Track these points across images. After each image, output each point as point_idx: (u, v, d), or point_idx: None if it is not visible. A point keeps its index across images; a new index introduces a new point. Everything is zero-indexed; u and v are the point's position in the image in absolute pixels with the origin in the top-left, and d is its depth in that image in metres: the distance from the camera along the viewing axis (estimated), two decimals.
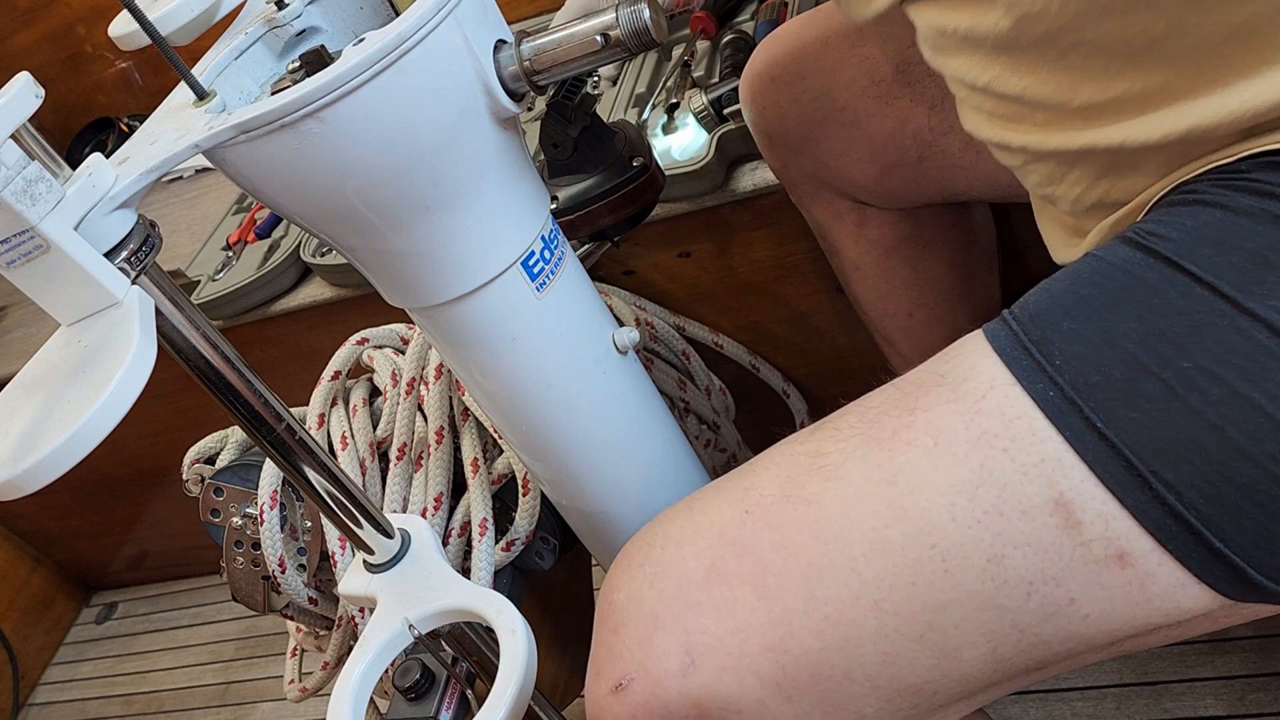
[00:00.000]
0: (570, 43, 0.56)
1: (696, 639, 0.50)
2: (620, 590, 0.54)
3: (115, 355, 0.45)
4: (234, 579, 0.93)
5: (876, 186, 0.80)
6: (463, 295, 0.63)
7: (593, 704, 0.53)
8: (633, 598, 0.53)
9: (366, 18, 0.65)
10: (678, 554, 0.53)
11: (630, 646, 0.52)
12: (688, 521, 0.54)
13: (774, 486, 0.52)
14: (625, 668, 0.51)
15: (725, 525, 0.52)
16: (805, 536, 0.49)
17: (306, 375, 0.95)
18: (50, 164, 0.47)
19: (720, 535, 0.52)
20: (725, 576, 0.50)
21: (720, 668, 0.49)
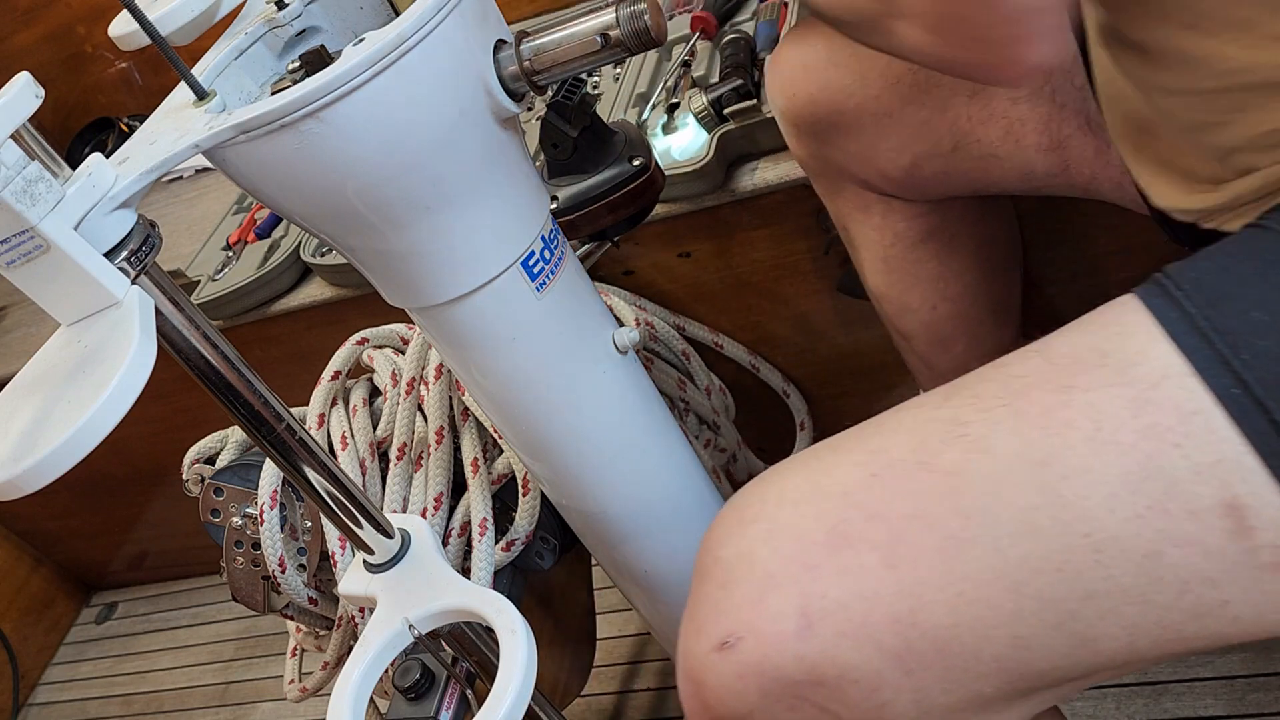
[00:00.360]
0: (570, 43, 0.56)
1: (815, 602, 0.47)
2: (728, 546, 0.52)
3: (115, 355, 0.45)
4: (234, 579, 0.93)
5: (905, 178, 0.79)
6: (463, 295, 0.63)
7: (690, 659, 0.51)
8: (743, 555, 0.50)
9: (366, 18, 0.65)
10: (795, 513, 0.50)
11: (740, 605, 0.49)
12: (806, 479, 0.52)
13: (906, 451, 0.49)
14: (732, 625, 0.49)
15: (850, 486, 0.49)
16: (943, 508, 0.47)
17: (306, 375, 0.95)
18: (50, 164, 0.47)
19: (844, 496, 0.49)
20: (849, 540, 0.48)
21: (839, 633, 0.47)
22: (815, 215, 1.01)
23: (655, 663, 1.27)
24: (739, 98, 0.99)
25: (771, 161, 1.00)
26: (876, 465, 0.50)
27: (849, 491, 0.49)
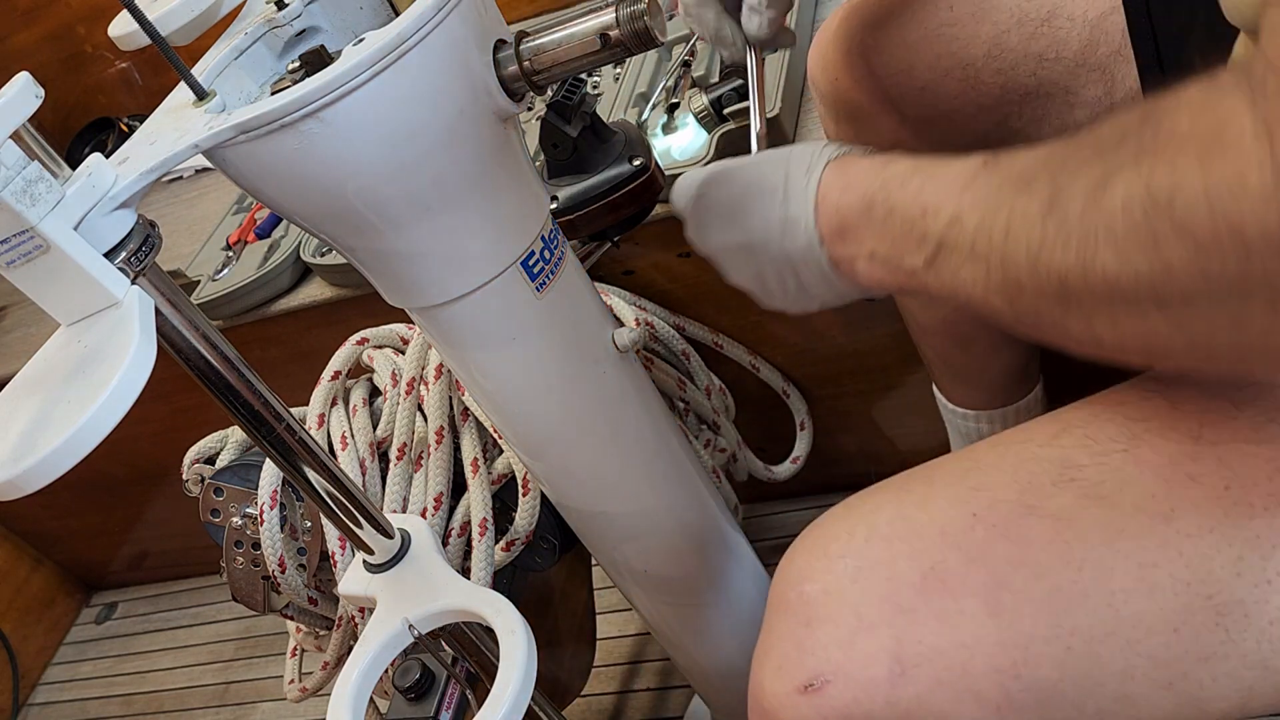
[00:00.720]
0: (570, 43, 0.56)
1: (910, 648, 0.45)
2: (812, 580, 0.48)
3: (115, 355, 0.45)
4: (234, 579, 0.93)
5: None
6: (463, 295, 0.63)
7: (768, 698, 0.48)
8: (830, 591, 0.47)
9: (366, 17, 0.65)
10: (887, 550, 0.47)
11: (827, 645, 0.47)
12: (898, 513, 0.48)
13: (1012, 492, 0.46)
14: (820, 667, 0.46)
15: (948, 526, 0.46)
16: (1053, 557, 0.44)
17: (306, 375, 0.95)
18: (50, 164, 0.47)
19: (942, 536, 0.46)
20: (948, 584, 0.45)
21: (937, 681, 0.45)
22: None
23: (655, 663, 1.27)
24: (739, 97, 0.99)
25: None
26: (978, 504, 0.46)
27: (947, 531, 0.46)
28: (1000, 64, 0.69)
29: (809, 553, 0.50)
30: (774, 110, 0.98)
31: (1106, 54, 0.66)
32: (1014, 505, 0.46)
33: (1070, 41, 0.67)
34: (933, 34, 0.70)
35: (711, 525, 0.84)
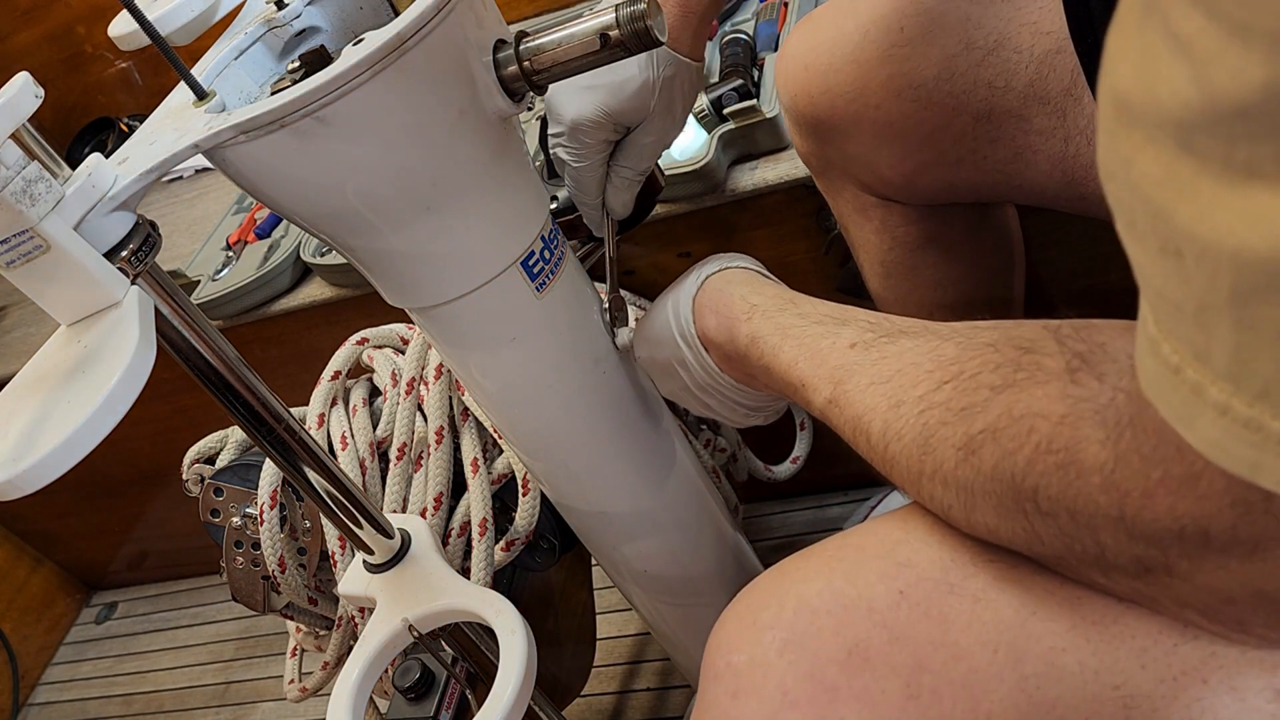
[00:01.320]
0: (570, 43, 0.56)
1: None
2: (742, 651, 0.49)
3: (115, 355, 0.45)
4: (234, 579, 0.93)
5: (906, 184, 0.78)
6: (462, 295, 0.63)
7: None
8: (757, 663, 0.48)
9: (366, 17, 0.65)
10: (813, 623, 0.47)
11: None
12: (827, 586, 0.48)
13: (936, 570, 0.46)
14: None
15: (875, 602, 0.46)
16: (970, 638, 0.44)
17: (306, 375, 0.95)
18: (50, 164, 0.47)
19: (869, 614, 0.46)
20: (871, 663, 0.45)
21: None
22: (815, 215, 1.01)
23: (655, 662, 1.27)
24: (739, 97, 0.99)
25: (771, 161, 1.00)
26: (904, 581, 0.47)
27: (874, 608, 0.46)
28: (952, 87, 0.71)
29: (739, 620, 0.50)
30: (773, 112, 0.98)
31: (1058, 90, 0.67)
32: (938, 583, 0.46)
33: (1019, 72, 0.68)
34: (885, 54, 0.72)
35: (711, 525, 0.85)
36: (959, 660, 0.44)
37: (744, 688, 0.47)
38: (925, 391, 0.47)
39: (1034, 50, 0.68)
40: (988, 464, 0.42)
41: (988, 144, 0.71)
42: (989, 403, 0.43)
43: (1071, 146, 0.67)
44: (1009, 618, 0.43)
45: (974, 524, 0.45)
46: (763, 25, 1.09)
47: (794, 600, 0.48)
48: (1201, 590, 0.36)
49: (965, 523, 0.45)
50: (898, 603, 0.46)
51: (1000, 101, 0.69)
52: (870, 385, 0.51)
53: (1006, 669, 0.43)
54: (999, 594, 0.44)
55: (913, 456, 0.47)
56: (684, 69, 0.70)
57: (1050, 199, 0.72)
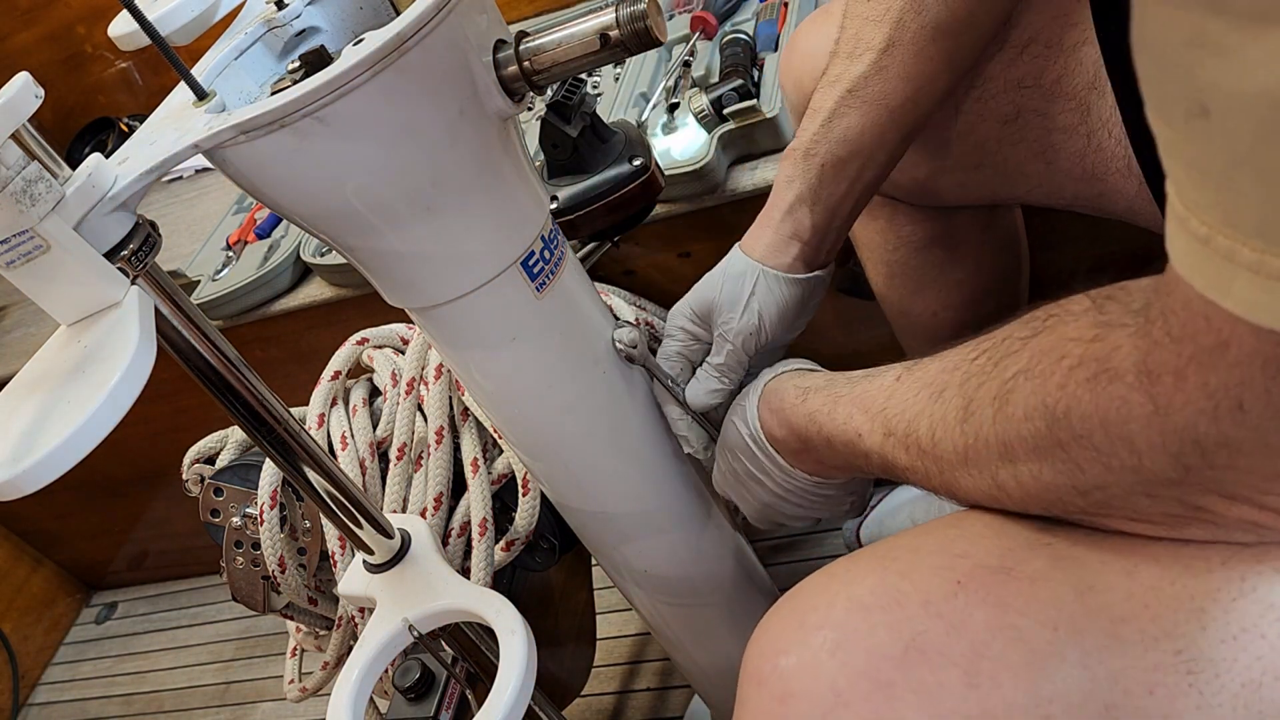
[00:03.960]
0: (570, 43, 0.56)
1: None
2: (790, 654, 0.46)
3: (115, 355, 0.45)
4: (234, 579, 0.93)
5: (918, 187, 0.77)
6: (462, 295, 0.63)
7: None
8: (807, 666, 0.46)
9: (366, 17, 0.65)
10: (866, 620, 0.45)
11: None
12: (881, 583, 0.47)
13: (993, 558, 0.45)
14: None
15: (932, 595, 0.45)
16: (1029, 619, 0.43)
17: (306, 375, 0.95)
18: (50, 164, 0.47)
19: (925, 606, 0.45)
20: (928, 656, 0.43)
21: None
22: None
23: (655, 662, 1.27)
24: (739, 98, 0.99)
25: (772, 161, 1.00)
26: (961, 571, 0.45)
27: (930, 600, 0.45)
28: (980, 93, 0.70)
29: (785, 622, 0.48)
30: (774, 112, 0.98)
31: (1083, 84, 0.66)
32: (994, 570, 0.45)
33: (1048, 69, 0.67)
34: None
35: (711, 525, 0.84)
36: (1018, 643, 0.43)
37: (793, 691, 0.46)
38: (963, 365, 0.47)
39: (1063, 43, 0.66)
40: (1021, 406, 0.42)
41: (1010, 145, 0.70)
42: (1020, 351, 0.43)
43: (1093, 141, 0.66)
44: (1067, 595, 0.43)
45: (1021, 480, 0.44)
46: (763, 25, 1.09)
47: (844, 599, 0.47)
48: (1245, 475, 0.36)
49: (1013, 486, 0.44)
50: (955, 592, 0.45)
51: (1027, 101, 0.68)
52: (916, 393, 0.51)
53: (1067, 646, 0.42)
54: (1056, 573, 0.43)
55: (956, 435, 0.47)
56: (768, 278, 0.70)
57: (1068, 198, 0.71)
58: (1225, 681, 0.40)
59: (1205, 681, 0.40)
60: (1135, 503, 0.40)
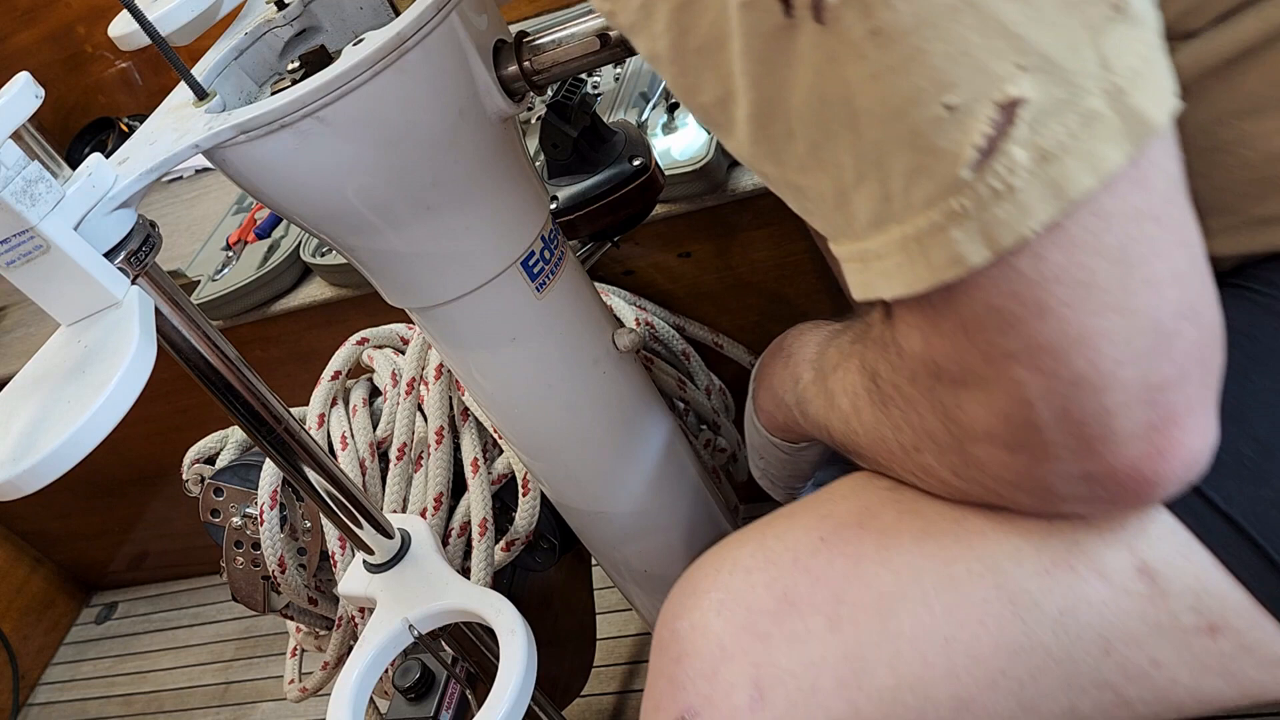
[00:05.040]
0: (569, 43, 0.56)
1: (766, 672, 0.47)
2: (683, 618, 0.51)
3: (115, 355, 0.45)
4: (234, 579, 0.93)
5: None
6: (462, 295, 0.63)
7: None
8: (697, 626, 0.50)
9: (366, 17, 0.65)
10: (747, 581, 0.50)
11: (695, 679, 0.49)
12: (759, 547, 0.52)
13: (851, 516, 0.50)
14: (689, 700, 0.49)
15: (799, 552, 0.50)
16: (878, 566, 0.47)
17: (306, 375, 0.95)
18: (50, 164, 0.47)
19: (795, 563, 0.50)
20: (797, 606, 0.48)
21: (791, 703, 0.47)
22: None
23: None
24: None
25: None
26: (825, 529, 0.50)
27: (798, 556, 0.50)
28: None
29: (681, 591, 0.53)
30: None
31: None
32: (851, 525, 0.50)
33: None
34: None
35: (711, 525, 0.84)
36: (870, 588, 0.47)
37: (686, 650, 0.50)
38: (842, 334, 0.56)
39: None
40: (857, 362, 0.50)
41: None
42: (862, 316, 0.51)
43: None
44: (908, 544, 0.48)
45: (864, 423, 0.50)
46: None
47: (729, 564, 0.52)
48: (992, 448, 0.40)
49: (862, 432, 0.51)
50: (818, 548, 0.50)
51: None
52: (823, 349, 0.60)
53: (909, 588, 0.47)
54: (901, 524, 0.48)
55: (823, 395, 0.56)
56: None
57: None
58: (1044, 609, 0.44)
59: (1025, 610, 0.44)
60: (933, 465, 0.45)
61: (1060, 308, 0.35)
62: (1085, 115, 0.32)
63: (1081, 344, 0.35)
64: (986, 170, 0.33)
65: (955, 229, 0.34)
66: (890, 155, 0.35)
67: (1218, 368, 0.38)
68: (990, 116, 0.32)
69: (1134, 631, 0.44)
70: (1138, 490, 0.38)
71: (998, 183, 0.33)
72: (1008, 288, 0.35)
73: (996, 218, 0.33)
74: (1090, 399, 0.36)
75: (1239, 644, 0.43)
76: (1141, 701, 0.45)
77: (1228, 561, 0.42)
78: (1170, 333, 0.35)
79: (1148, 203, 0.34)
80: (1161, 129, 0.34)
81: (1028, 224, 0.33)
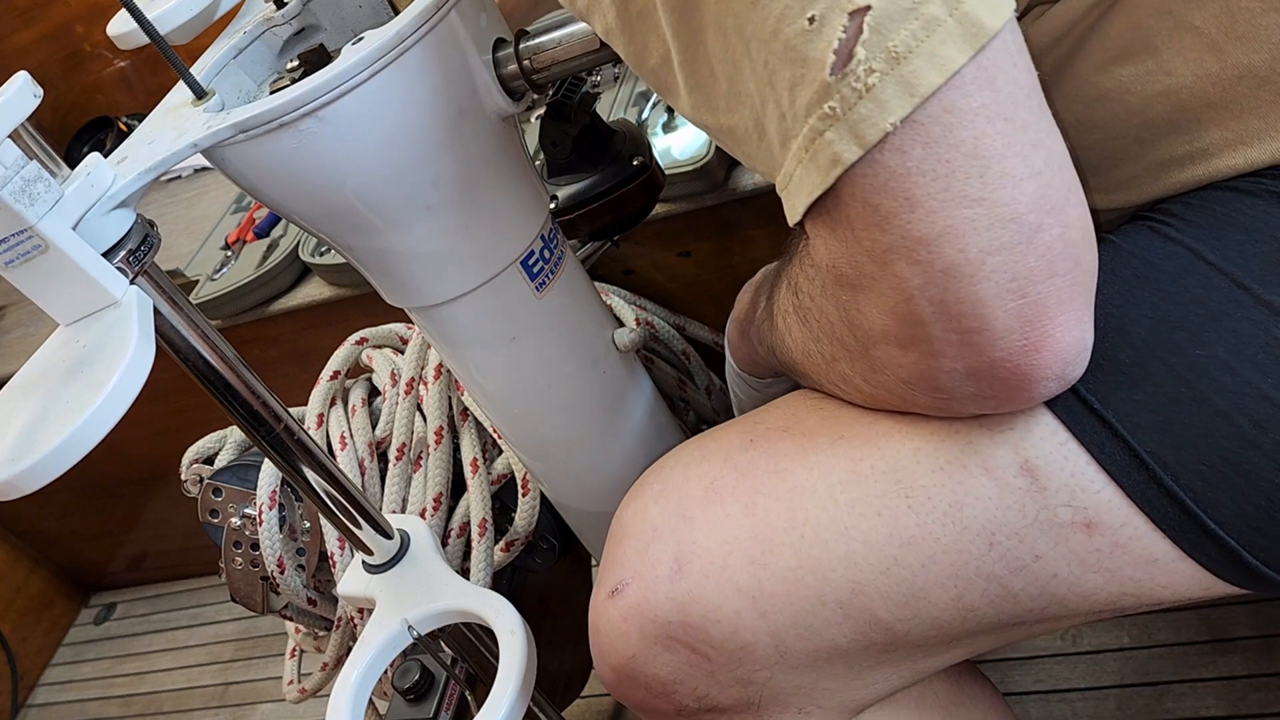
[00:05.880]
0: (569, 42, 0.56)
1: (687, 548, 0.53)
2: (628, 508, 0.58)
3: (114, 355, 0.44)
4: (233, 579, 0.93)
5: None
6: (462, 295, 0.63)
7: (593, 611, 0.57)
8: (637, 513, 0.57)
9: (365, 16, 0.65)
10: (683, 474, 0.57)
11: (630, 555, 0.55)
12: (698, 448, 0.58)
13: (779, 421, 0.56)
14: (623, 573, 0.55)
15: (730, 450, 0.56)
16: (794, 463, 0.53)
17: (305, 375, 0.95)
18: (49, 163, 0.47)
19: (724, 459, 0.55)
20: (720, 495, 0.54)
21: (704, 576, 0.52)
22: None
23: None
24: None
25: None
26: (755, 432, 0.56)
27: (729, 455, 0.56)
28: None
29: (633, 488, 0.60)
30: None
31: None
32: (777, 429, 0.55)
33: None
34: None
35: None
36: (784, 481, 0.53)
37: (626, 533, 0.57)
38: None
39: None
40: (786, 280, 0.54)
41: None
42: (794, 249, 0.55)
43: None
44: (824, 443, 0.53)
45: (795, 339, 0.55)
46: None
47: (672, 461, 0.59)
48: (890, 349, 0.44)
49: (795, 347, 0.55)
50: (745, 447, 0.55)
51: None
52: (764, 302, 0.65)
53: (818, 480, 0.51)
54: (821, 428, 0.54)
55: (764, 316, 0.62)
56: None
57: None
58: (936, 503, 0.48)
59: (919, 503, 0.49)
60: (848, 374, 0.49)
61: (927, 199, 0.38)
62: (926, 21, 0.36)
63: (949, 234, 0.38)
64: (847, 73, 0.37)
65: (830, 130, 0.38)
66: (777, 72, 0.39)
67: (1089, 267, 0.41)
68: (843, 24, 0.36)
69: (1015, 525, 0.47)
70: (1018, 385, 0.42)
71: (857, 83, 0.37)
72: (879, 182, 0.38)
73: (860, 115, 0.37)
74: (964, 288, 0.39)
75: (1114, 540, 0.46)
76: (1026, 595, 0.48)
77: (1100, 459, 0.46)
78: (1033, 225, 0.38)
79: (996, 102, 0.37)
80: (996, 32, 0.37)
81: (887, 119, 0.37)
